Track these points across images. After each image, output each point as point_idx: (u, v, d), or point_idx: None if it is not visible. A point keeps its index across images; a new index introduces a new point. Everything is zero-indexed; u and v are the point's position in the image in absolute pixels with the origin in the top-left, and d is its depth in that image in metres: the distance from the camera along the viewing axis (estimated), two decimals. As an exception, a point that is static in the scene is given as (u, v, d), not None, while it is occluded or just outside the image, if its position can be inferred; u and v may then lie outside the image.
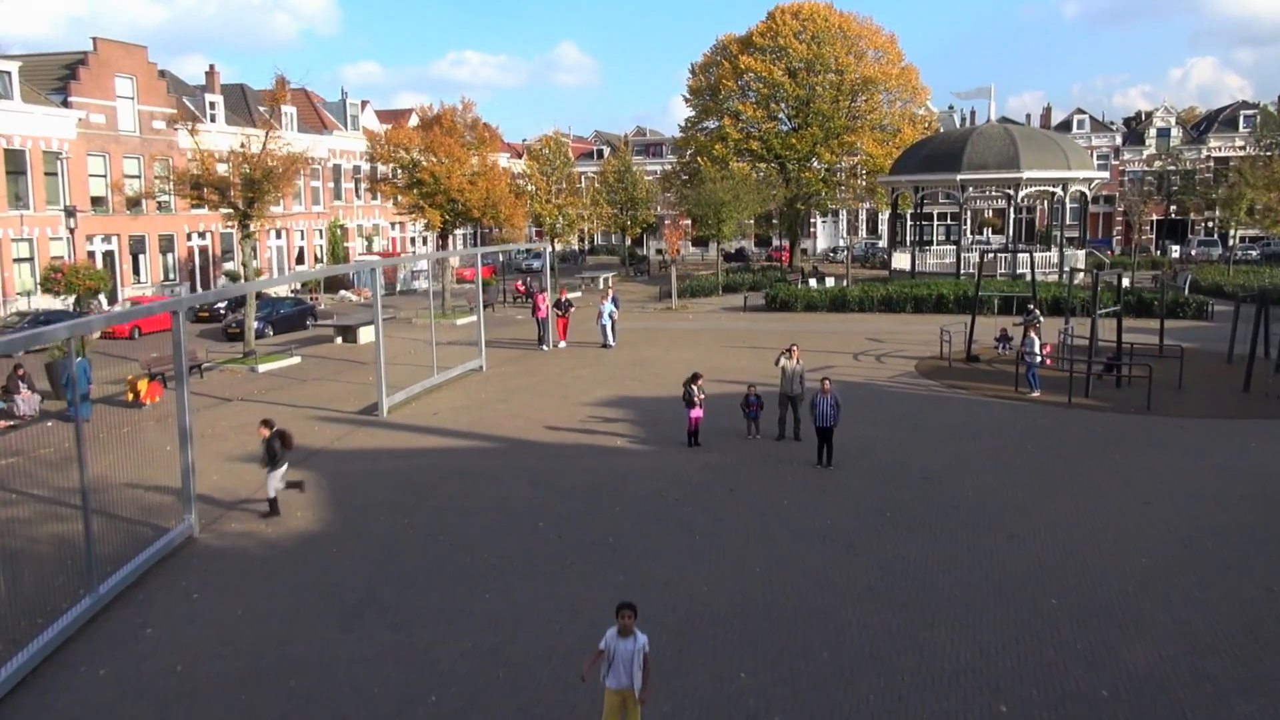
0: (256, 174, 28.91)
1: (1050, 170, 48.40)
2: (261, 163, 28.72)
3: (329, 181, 59.04)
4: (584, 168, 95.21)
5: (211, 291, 46.77)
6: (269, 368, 29.55)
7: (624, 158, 62.20)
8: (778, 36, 61.84)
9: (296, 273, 56.25)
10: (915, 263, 51.70)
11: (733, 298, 48.62)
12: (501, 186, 39.47)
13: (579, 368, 28.36)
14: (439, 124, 40.62)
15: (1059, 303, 38.17)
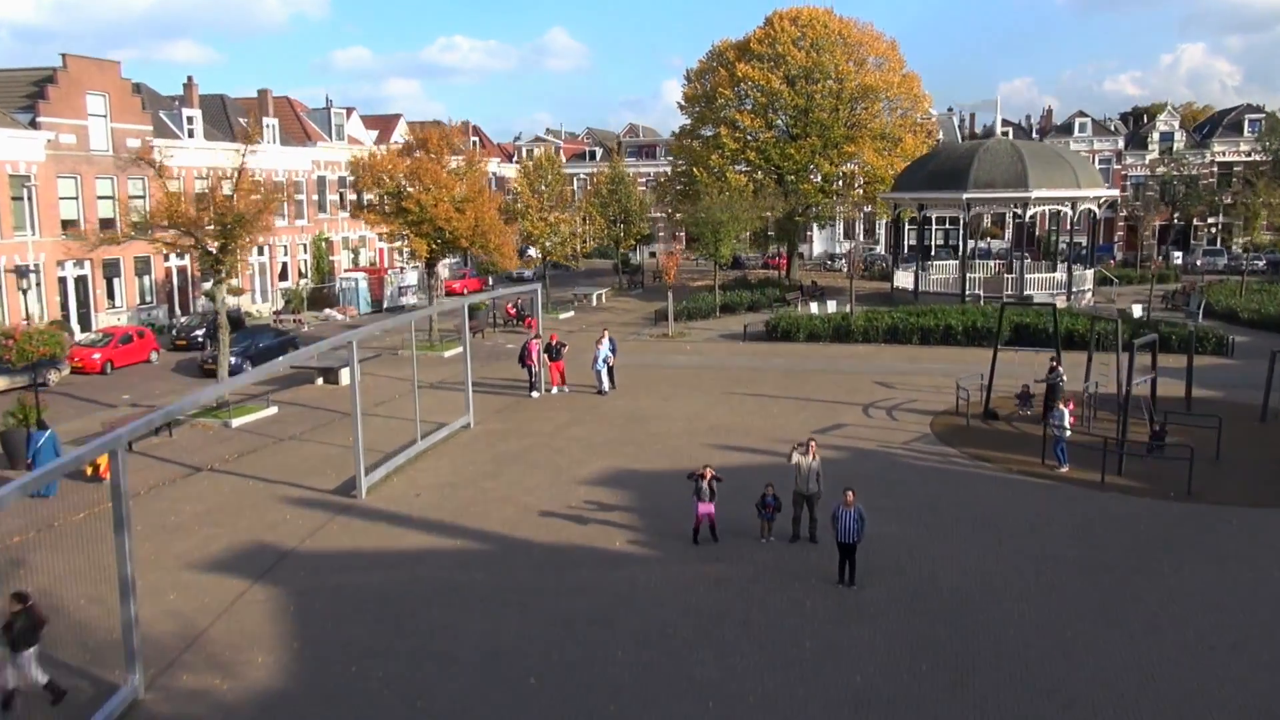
0: (228, 219, 26.98)
1: (1059, 189, 46.84)
2: (234, 206, 26.77)
3: (313, 194, 57.12)
4: (576, 169, 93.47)
5: (187, 320, 44.91)
6: (243, 421, 27.82)
7: (617, 166, 60.40)
8: (776, 44, 59.99)
9: (284, 290, 54.52)
10: (919, 281, 50.11)
11: (731, 320, 46.96)
12: (491, 212, 37.69)
13: (572, 424, 26.69)
14: (425, 147, 38.75)
15: (1072, 336, 36.73)
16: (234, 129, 51.82)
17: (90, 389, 34.20)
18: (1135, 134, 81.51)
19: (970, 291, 48.12)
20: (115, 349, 37.83)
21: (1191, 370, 28.11)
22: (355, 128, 64.20)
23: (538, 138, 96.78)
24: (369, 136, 65.90)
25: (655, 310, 50.86)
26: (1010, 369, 29.96)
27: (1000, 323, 27.40)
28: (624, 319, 49.86)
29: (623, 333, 44.02)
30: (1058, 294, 47.88)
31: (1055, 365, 25.31)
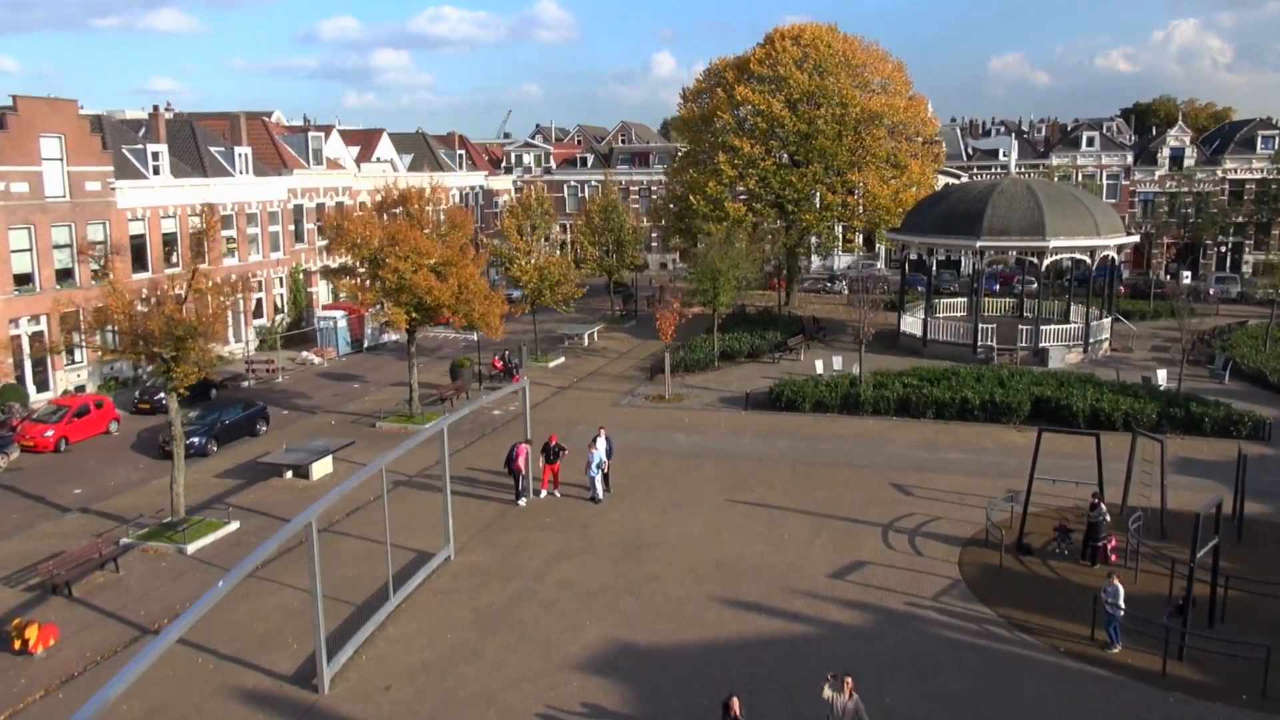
0: (178, 330, 24.24)
1: (1078, 237, 44.40)
2: (185, 316, 24.01)
3: (289, 224, 54.18)
4: (567, 175, 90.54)
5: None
6: (201, 545, 25.19)
7: (610, 194, 57.60)
8: (777, 65, 57.17)
9: (259, 328, 51.72)
10: (927, 328, 47.63)
11: (732, 374, 44.43)
12: (475, 277, 34.94)
13: (563, 556, 24.13)
14: (405, 202, 35.85)
15: (1098, 416, 34.37)
16: (204, 161, 48.84)
17: (41, 477, 31.55)
18: (1144, 149, 78.93)
19: (982, 342, 45.73)
20: (70, 424, 35.12)
21: (1242, 483, 25.54)
22: (335, 147, 61.18)
23: (527, 142, 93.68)
24: (349, 154, 62.93)
25: (651, 355, 48.35)
26: (1043, 464, 27.51)
27: (1037, 449, 24.80)
28: (618, 367, 47.28)
29: (616, 393, 41.51)
30: (1074, 345, 45.59)
31: (1098, 502, 22.88)
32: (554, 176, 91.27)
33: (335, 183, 57.97)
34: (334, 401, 41.56)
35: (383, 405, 40.33)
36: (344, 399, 42.21)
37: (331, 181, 57.59)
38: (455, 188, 71.84)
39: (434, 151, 71.77)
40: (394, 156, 68.00)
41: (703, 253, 45.15)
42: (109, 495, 29.95)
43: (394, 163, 67.08)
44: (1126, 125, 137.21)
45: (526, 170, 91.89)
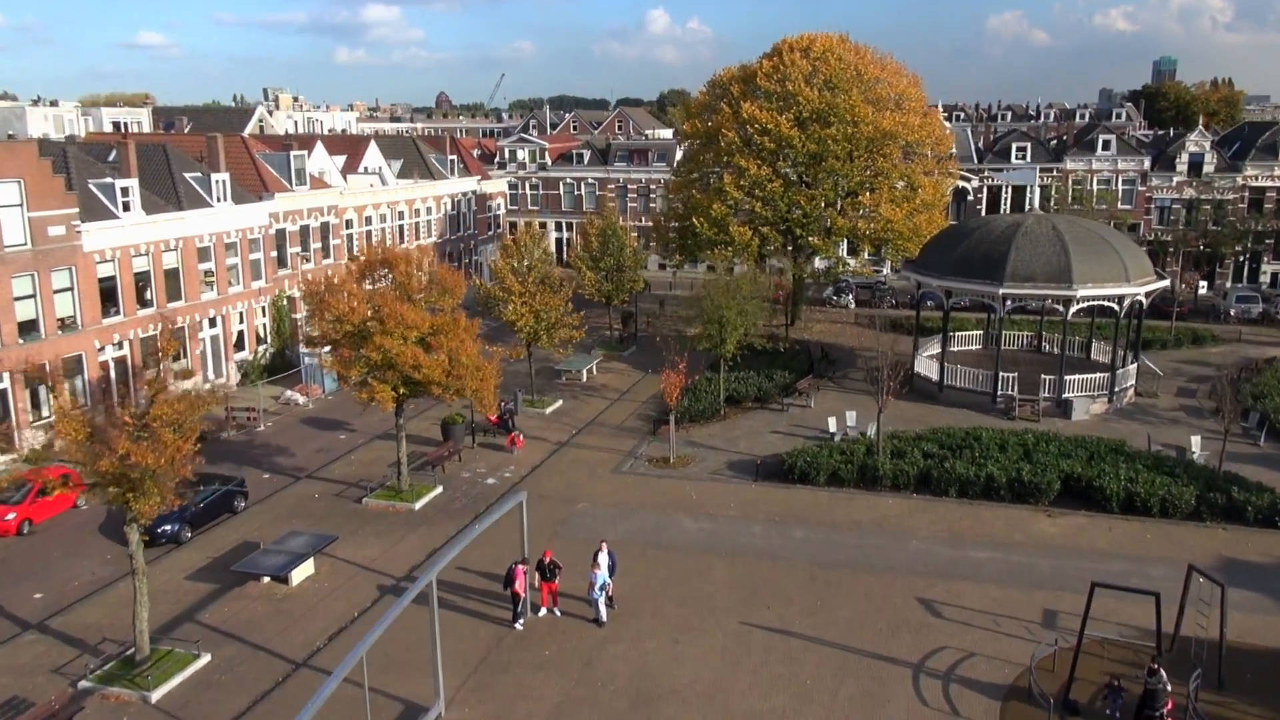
0: (134, 474, 21.75)
1: (1106, 284, 42.02)
2: (145, 453, 21.51)
3: (271, 250, 51.40)
4: (563, 172, 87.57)
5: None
6: (167, 689, 22.89)
7: (609, 218, 54.81)
8: (785, 80, 54.24)
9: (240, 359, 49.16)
10: (944, 374, 45.28)
11: (739, 425, 42.15)
12: (468, 347, 32.41)
13: (564, 712, 21.93)
14: (389, 267, 33.13)
15: (1133, 499, 32.19)
16: (179, 191, 45.99)
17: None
18: (1162, 153, 76.14)
19: (1002, 391, 43.45)
20: (34, 504, 32.69)
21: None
22: (319, 159, 58.13)
23: (521, 138, 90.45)
24: (336, 164, 59.94)
25: (653, 397, 46.03)
26: (1081, 566, 25.33)
27: (1088, 609, 22.50)
28: (618, 413, 44.89)
29: (616, 453, 39.17)
30: (1099, 395, 43.32)
31: (1157, 668, 20.65)
32: (549, 173, 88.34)
33: (320, 202, 55.11)
34: (318, 460, 39.17)
35: (370, 468, 38.00)
36: (329, 454, 39.85)
37: (316, 201, 54.72)
38: (447, 195, 68.85)
39: (424, 157, 68.68)
40: (382, 164, 64.98)
41: (707, 296, 42.56)
42: (72, 598, 27.72)
43: (382, 172, 64.10)
44: (1136, 111, 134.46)
45: (521, 166, 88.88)
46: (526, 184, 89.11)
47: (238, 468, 38.13)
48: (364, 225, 59.80)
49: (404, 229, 64.01)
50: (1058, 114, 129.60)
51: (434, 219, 67.43)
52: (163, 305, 44.69)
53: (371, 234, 60.63)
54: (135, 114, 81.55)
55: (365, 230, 59.98)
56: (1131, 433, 40.70)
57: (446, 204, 68.95)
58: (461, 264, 71.81)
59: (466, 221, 72.02)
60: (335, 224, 56.68)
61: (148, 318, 43.89)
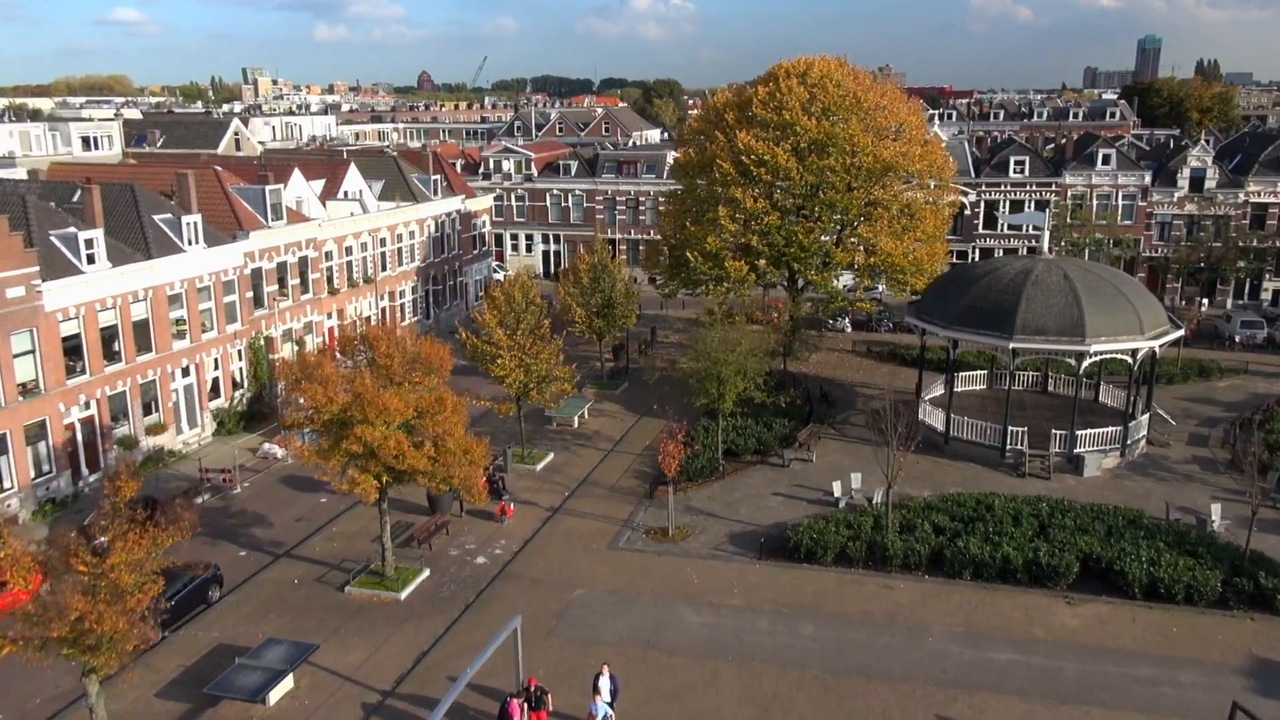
0: (89, 639, 19.76)
1: (1120, 338, 40.42)
2: (102, 619, 19.52)
3: (246, 290, 49.13)
4: (550, 183, 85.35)
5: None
6: None
7: (600, 254, 52.69)
8: (782, 109, 52.16)
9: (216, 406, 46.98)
10: (950, 425, 43.61)
11: (739, 486, 40.38)
12: (457, 431, 30.49)
13: None
14: (369, 344, 31.07)
15: (1156, 584, 30.67)
16: (148, 236, 43.69)
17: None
18: (1163, 167, 74.51)
19: (1011, 445, 41.86)
20: (-11, 600, 30.59)
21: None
22: (297, 187, 55.72)
23: (506, 148, 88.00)
24: (314, 190, 57.55)
25: (648, 448, 44.25)
26: (1105, 672, 23.78)
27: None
28: (613, 469, 43.03)
29: (612, 523, 37.35)
30: (1110, 449, 41.78)
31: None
32: (535, 185, 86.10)
33: (298, 236, 52.81)
34: (298, 532, 37.19)
35: (352, 542, 36.10)
36: (309, 524, 37.89)
37: (294, 236, 52.42)
38: (430, 217, 66.51)
39: (405, 177, 66.24)
40: (363, 187, 62.59)
41: (704, 352, 40.62)
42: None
43: (363, 196, 61.72)
44: (1130, 109, 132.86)
45: (506, 177, 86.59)
46: (512, 195, 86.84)
47: (212, 542, 36.23)
48: (344, 256, 57.55)
49: (385, 256, 61.75)
50: (1052, 112, 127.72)
51: (417, 242, 65.15)
52: (132, 359, 42.49)
53: (352, 264, 58.42)
54: (106, 128, 78.70)
55: (346, 261, 57.73)
56: (1146, 492, 39.23)
57: (430, 226, 66.66)
58: (446, 286, 69.67)
59: (451, 242, 69.74)
60: (314, 257, 54.42)
61: (116, 374, 41.73)
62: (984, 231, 77.22)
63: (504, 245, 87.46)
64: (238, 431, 47.78)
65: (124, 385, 42.20)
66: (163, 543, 22.26)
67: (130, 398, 42.63)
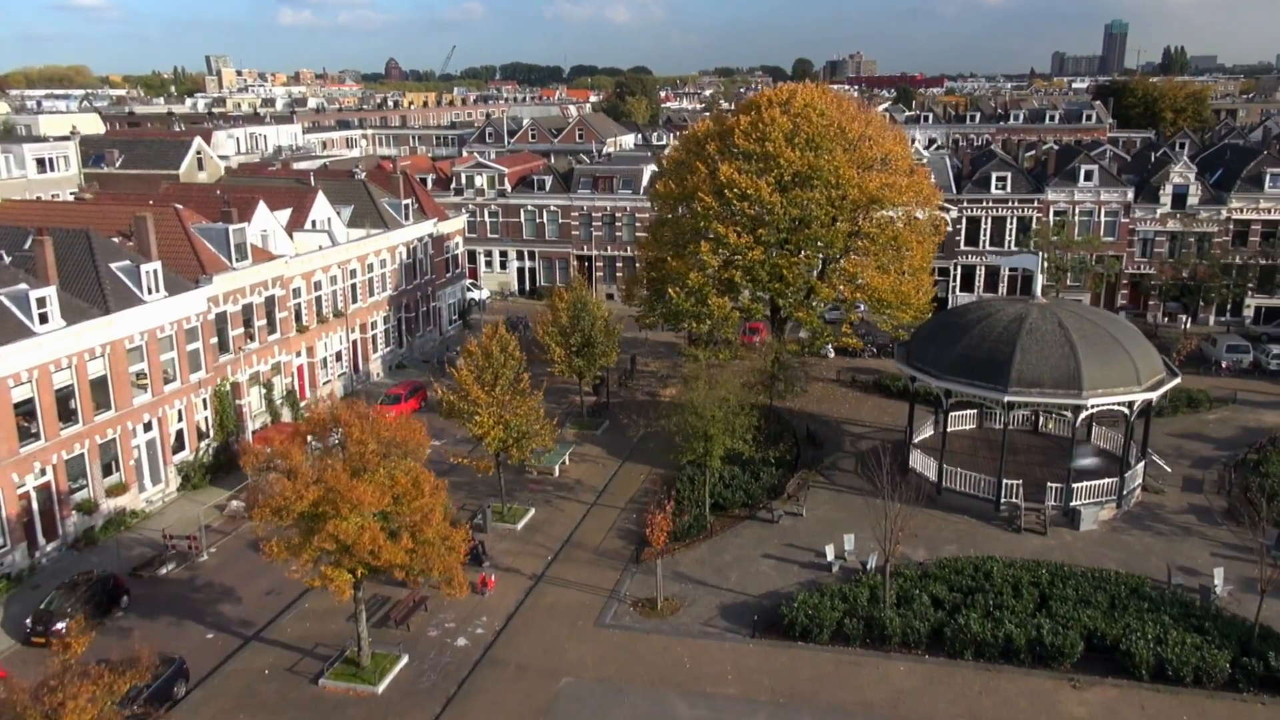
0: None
1: (1117, 390, 39.47)
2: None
3: (210, 337, 47.06)
4: (523, 199, 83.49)
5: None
6: None
7: (578, 291, 50.97)
8: (765, 140, 50.64)
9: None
10: (942, 474, 42.48)
11: (728, 549, 39.00)
12: (436, 518, 28.91)
13: None
14: (341, 430, 29.30)
15: (1164, 665, 29.67)
16: (105, 288, 41.57)
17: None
18: (1145, 183, 73.75)
19: (1006, 498, 40.79)
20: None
21: None
22: (262, 220, 53.52)
23: (478, 163, 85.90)
24: (280, 220, 55.38)
25: (632, 501, 42.85)
26: None
27: None
28: (596, 527, 41.54)
29: (598, 593, 35.89)
30: (1107, 501, 40.84)
31: None
32: (509, 200, 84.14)
33: (265, 275, 50.74)
34: (268, 608, 35.47)
35: (325, 621, 34.46)
36: (279, 598, 36.14)
37: (260, 275, 50.35)
38: (401, 244, 64.45)
39: (375, 202, 64.08)
40: (331, 215, 60.49)
41: (691, 409, 39.11)
42: None
43: (331, 226, 59.64)
44: (1105, 110, 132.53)
45: (479, 193, 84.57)
46: (485, 211, 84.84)
47: (176, 622, 34.55)
48: (313, 292, 55.48)
49: (356, 288, 59.71)
50: (1028, 114, 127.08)
51: (388, 271, 63.14)
52: (90, 419, 40.44)
53: (321, 299, 56.37)
54: (61, 149, 75.60)
55: (315, 296, 55.68)
56: (1145, 549, 38.30)
57: (401, 253, 64.65)
58: (418, 313, 67.74)
59: (423, 267, 67.76)
60: (281, 296, 52.38)
61: (73, 436, 39.71)
62: (966, 249, 76.20)
63: (477, 262, 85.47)
64: (203, 485, 45.82)
65: (82, 447, 40.18)
66: (119, 689, 20.47)
67: (89, 459, 40.62)
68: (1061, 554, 37.69)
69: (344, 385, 58.72)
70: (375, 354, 62.20)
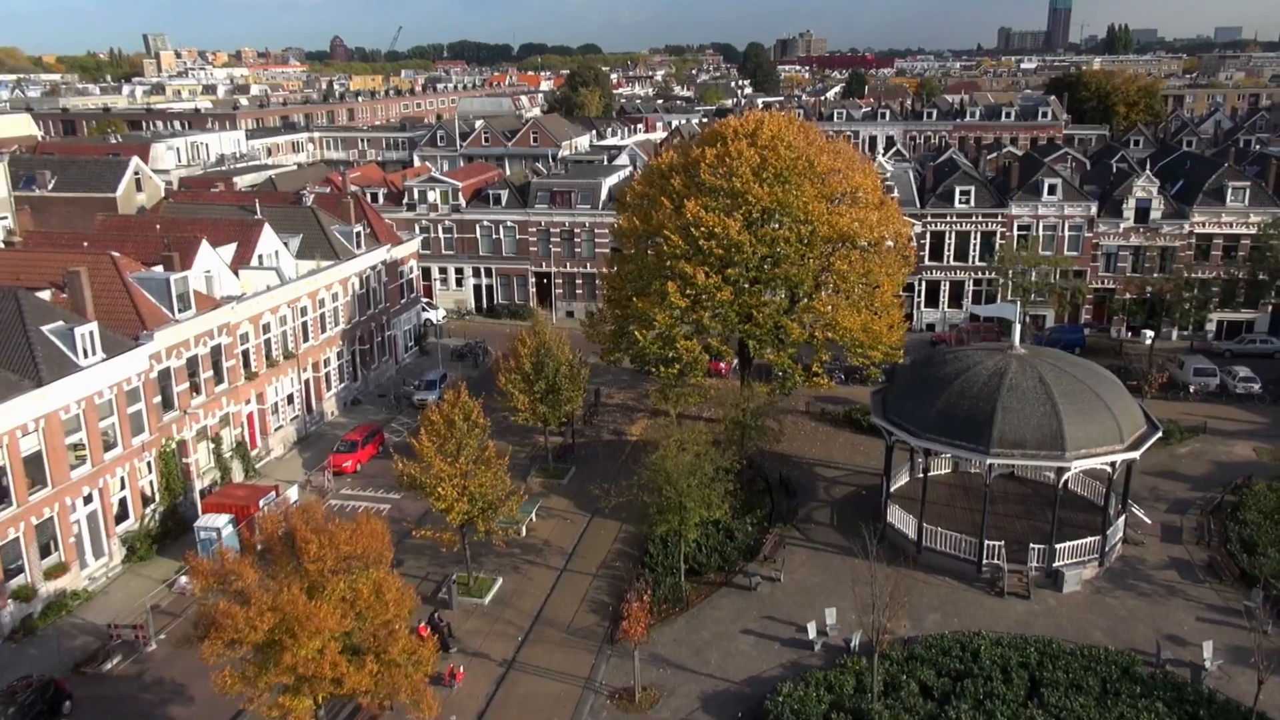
0: None
1: (1100, 449, 38.65)
2: None
3: (154, 396, 44.48)
4: (479, 214, 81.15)
5: None
6: None
7: (541, 333, 49.04)
8: (732, 175, 48.97)
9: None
10: (922, 532, 41.41)
11: (705, 623, 37.55)
12: (401, 633, 27.04)
13: None
14: (296, 547, 27.16)
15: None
16: (35, 355, 38.85)
17: None
18: (1108, 197, 73.28)
19: (988, 560, 39.85)
20: None
21: None
22: (205, 260, 50.76)
23: (431, 177, 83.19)
24: (225, 258, 52.66)
25: (604, 565, 41.28)
26: None
27: None
28: (568, 599, 39.85)
29: (572, 679, 34.34)
30: (1089, 559, 40.08)
31: None
32: (464, 215, 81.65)
33: (210, 324, 48.11)
34: (223, 707, 33.25)
35: None
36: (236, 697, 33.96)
37: (205, 325, 47.72)
38: (354, 274, 61.84)
39: (325, 231, 61.23)
40: (279, 248, 57.69)
41: (664, 478, 37.43)
42: None
43: (279, 259, 56.89)
44: (1060, 106, 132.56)
45: (432, 208, 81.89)
46: (439, 227, 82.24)
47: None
48: (262, 335, 52.89)
49: (307, 325, 57.13)
50: (984, 111, 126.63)
51: (341, 304, 60.58)
52: (24, 499, 37.88)
53: (271, 342, 53.80)
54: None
55: (264, 340, 53.10)
56: (1130, 615, 37.54)
57: (354, 284, 62.08)
58: (373, 344, 65.29)
59: (377, 296, 65.23)
60: (228, 344, 49.80)
61: (6, 520, 37.19)
62: (930, 264, 75.30)
63: (432, 280, 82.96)
64: (150, 556, 43.40)
65: (16, 531, 37.67)
66: None
67: (25, 542, 38.13)
68: (1047, 622, 36.85)
69: (297, 429, 56.30)
70: (329, 392, 59.77)
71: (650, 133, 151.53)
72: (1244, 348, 69.09)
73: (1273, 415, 57.65)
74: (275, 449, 54.16)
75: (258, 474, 51.45)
